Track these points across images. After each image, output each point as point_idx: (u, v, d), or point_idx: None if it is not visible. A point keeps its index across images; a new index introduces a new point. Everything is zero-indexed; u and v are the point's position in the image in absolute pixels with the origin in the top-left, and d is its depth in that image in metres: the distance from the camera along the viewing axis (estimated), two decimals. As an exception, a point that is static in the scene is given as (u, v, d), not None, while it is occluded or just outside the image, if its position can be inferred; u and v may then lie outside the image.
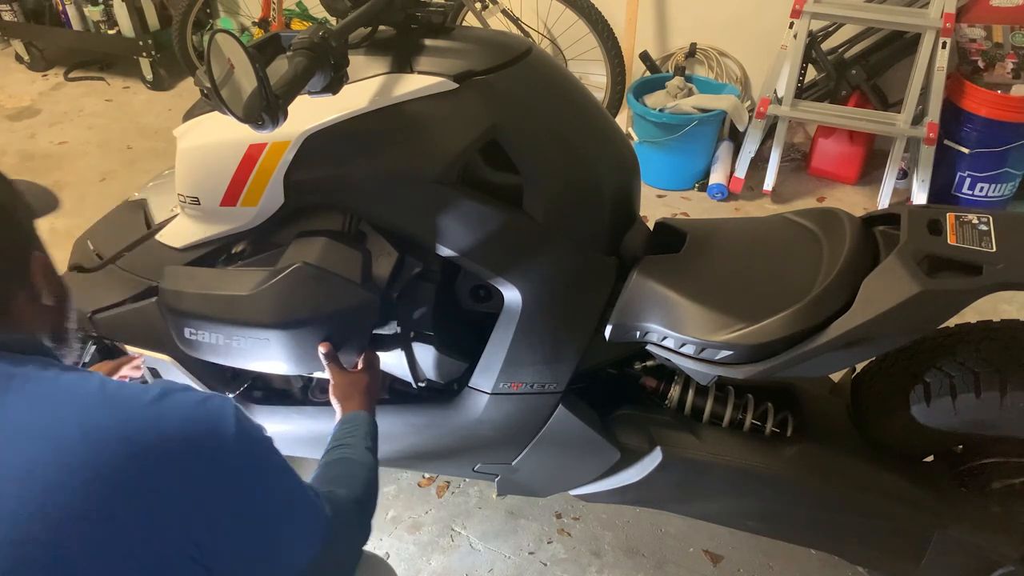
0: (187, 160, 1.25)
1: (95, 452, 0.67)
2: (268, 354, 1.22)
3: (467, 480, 1.92)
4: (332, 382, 1.22)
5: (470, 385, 1.39)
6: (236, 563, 0.74)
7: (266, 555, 0.79)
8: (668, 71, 3.27)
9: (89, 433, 0.68)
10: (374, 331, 1.31)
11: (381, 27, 1.21)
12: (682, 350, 1.22)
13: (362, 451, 1.10)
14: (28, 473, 0.64)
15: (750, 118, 2.90)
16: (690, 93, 3.04)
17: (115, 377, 1.26)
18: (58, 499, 0.63)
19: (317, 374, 1.29)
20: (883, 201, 2.88)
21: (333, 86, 1.04)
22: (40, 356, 0.76)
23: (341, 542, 0.94)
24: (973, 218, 1.12)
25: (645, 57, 3.27)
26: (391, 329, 1.32)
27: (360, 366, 1.27)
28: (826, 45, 2.97)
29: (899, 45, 2.85)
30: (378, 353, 1.33)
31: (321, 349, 1.20)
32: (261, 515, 0.78)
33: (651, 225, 1.44)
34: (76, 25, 4.00)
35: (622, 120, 3.22)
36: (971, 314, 1.24)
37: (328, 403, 1.28)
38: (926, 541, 1.33)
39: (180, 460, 0.70)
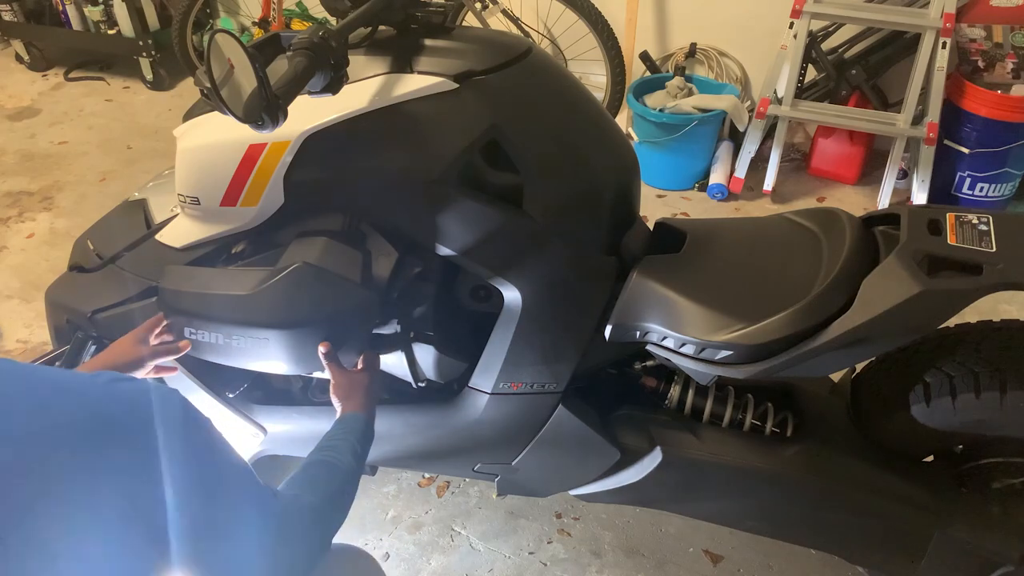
0: (187, 160, 1.25)
1: (44, 433, 0.68)
2: (268, 354, 1.21)
3: (467, 480, 1.92)
4: (332, 382, 1.22)
5: (470, 385, 1.39)
6: (185, 545, 0.75)
7: (215, 540, 0.80)
8: (668, 71, 3.27)
9: (37, 415, 0.69)
10: (374, 331, 1.31)
11: (381, 27, 1.21)
12: (682, 350, 1.22)
13: (347, 457, 1.10)
14: None
15: (750, 118, 2.90)
16: (690, 93, 3.04)
17: (153, 337, 1.25)
18: (13, 479, 0.64)
19: (317, 374, 1.30)
20: (883, 201, 2.88)
21: (333, 86, 1.04)
22: None
23: (291, 546, 0.94)
24: (973, 218, 1.12)
25: (645, 57, 3.27)
26: (391, 329, 1.32)
27: (360, 366, 1.27)
28: (826, 45, 2.98)
29: (899, 45, 2.85)
30: (378, 353, 1.33)
31: (321, 349, 1.20)
32: (207, 498, 0.79)
33: (651, 225, 1.44)
34: (76, 25, 4.00)
35: (622, 120, 3.22)
36: (971, 314, 1.24)
37: (328, 403, 1.28)
38: (926, 541, 1.33)
39: (126, 441, 0.72)
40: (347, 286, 1.17)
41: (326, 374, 1.23)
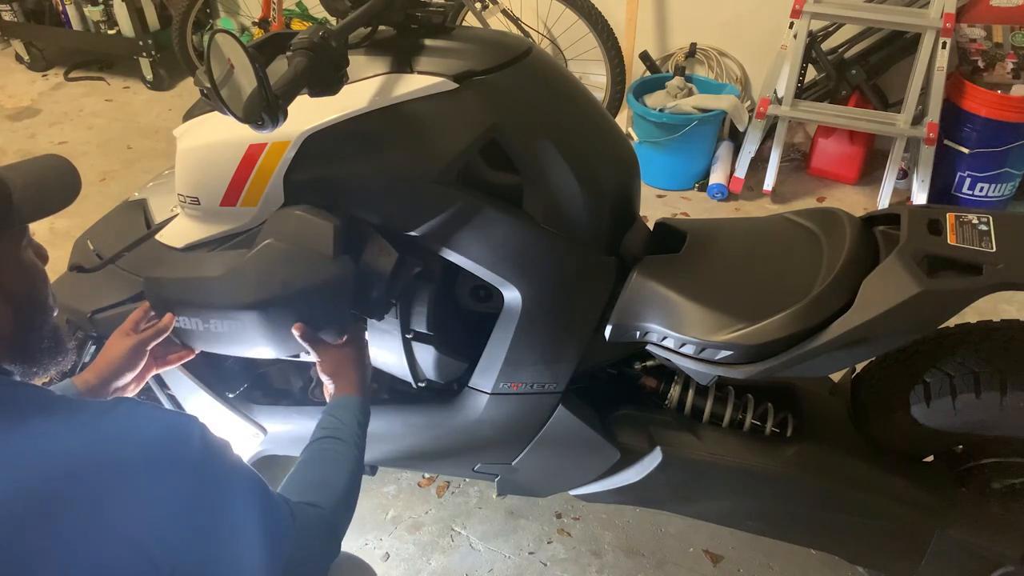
0: (187, 160, 1.25)
1: (51, 464, 0.66)
2: (246, 337, 1.20)
3: (467, 480, 1.92)
4: (318, 359, 1.19)
5: (470, 385, 1.39)
6: None
7: (233, 566, 0.78)
8: (668, 71, 3.27)
9: (48, 455, 0.67)
10: (373, 332, 1.30)
11: (381, 27, 1.21)
12: (682, 350, 1.22)
13: (351, 450, 1.08)
14: None
15: (750, 118, 2.90)
16: (690, 93, 3.04)
17: (142, 328, 1.23)
18: (12, 510, 0.63)
19: (304, 357, 1.29)
20: (883, 201, 2.88)
21: (333, 86, 1.04)
22: None
23: (304, 564, 0.92)
24: (973, 218, 1.12)
25: (645, 57, 3.27)
26: (391, 329, 1.32)
27: (345, 339, 1.23)
28: (826, 45, 2.98)
29: (899, 45, 2.85)
30: (378, 353, 1.32)
31: (295, 332, 1.17)
32: (223, 531, 0.77)
33: (651, 225, 1.44)
34: (76, 25, 4.00)
35: (622, 120, 3.22)
36: (971, 314, 1.24)
37: None
38: (926, 541, 1.33)
39: (138, 479, 0.69)
40: (318, 261, 1.15)
41: (312, 357, 1.21)
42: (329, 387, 1.20)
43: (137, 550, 0.67)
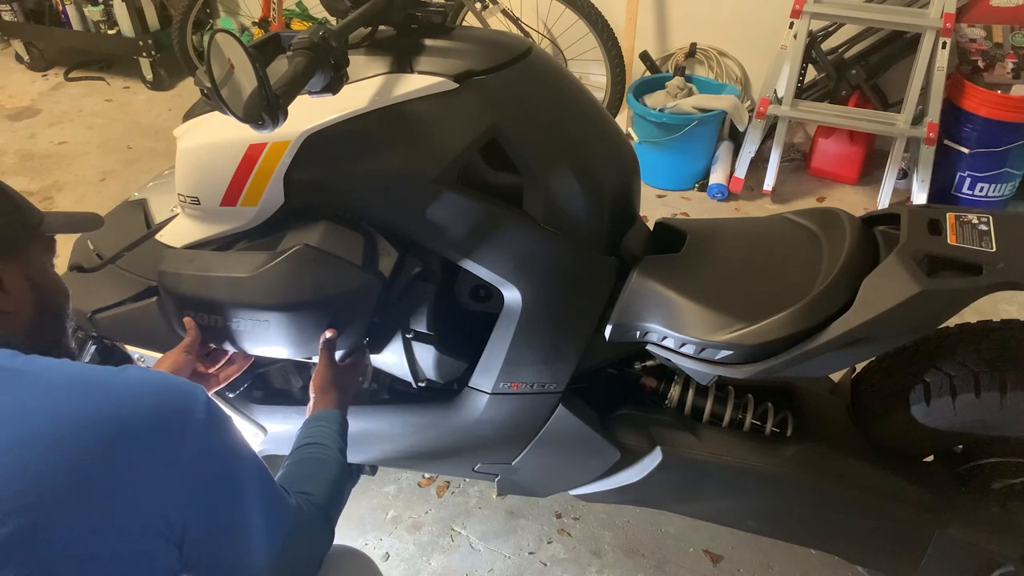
0: (187, 160, 1.25)
1: (64, 434, 0.68)
2: (267, 337, 1.21)
3: (467, 480, 1.92)
4: (317, 370, 1.21)
5: (470, 385, 1.39)
6: (203, 545, 0.75)
7: (232, 540, 0.80)
8: (668, 71, 3.27)
9: (58, 415, 0.69)
10: (373, 331, 1.30)
11: (381, 27, 1.21)
12: (682, 350, 1.22)
13: (334, 452, 1.10)
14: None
15: (750, 118, 2.90)
16: (690, 93, 3.04)
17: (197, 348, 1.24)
18: (28, 481, 0.64)
19: (314, 358, 1.30)
20: (883, 201, 2.88)
21: (333, 86, 1.04)
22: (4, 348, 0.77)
23: (302, 546, 0.94)
24: (973, 218, 1.12)
25: (645, 57, 3.27)
26: (391, 328, 1.32)
27: (347, 361, 1.26)
28: (826, 45, 2.98)
29: (899, 45, 2.85)
30: (377, 352, 1.32)
31: (327, 333, 1.19)
32: (226, 498, 0.79)
33: (651, 225, 1.44)
34: (76, 25, 4.00)
35: (622, 120, 3.22)
36: (971, 314, 1.24)
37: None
38: (926, 541, 1.33)
39: (148, 439, 0.71)
40: (348, 269, 1.17)
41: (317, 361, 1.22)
42: (311, 399, 1.21)
43: (152, 513, 0.70)
